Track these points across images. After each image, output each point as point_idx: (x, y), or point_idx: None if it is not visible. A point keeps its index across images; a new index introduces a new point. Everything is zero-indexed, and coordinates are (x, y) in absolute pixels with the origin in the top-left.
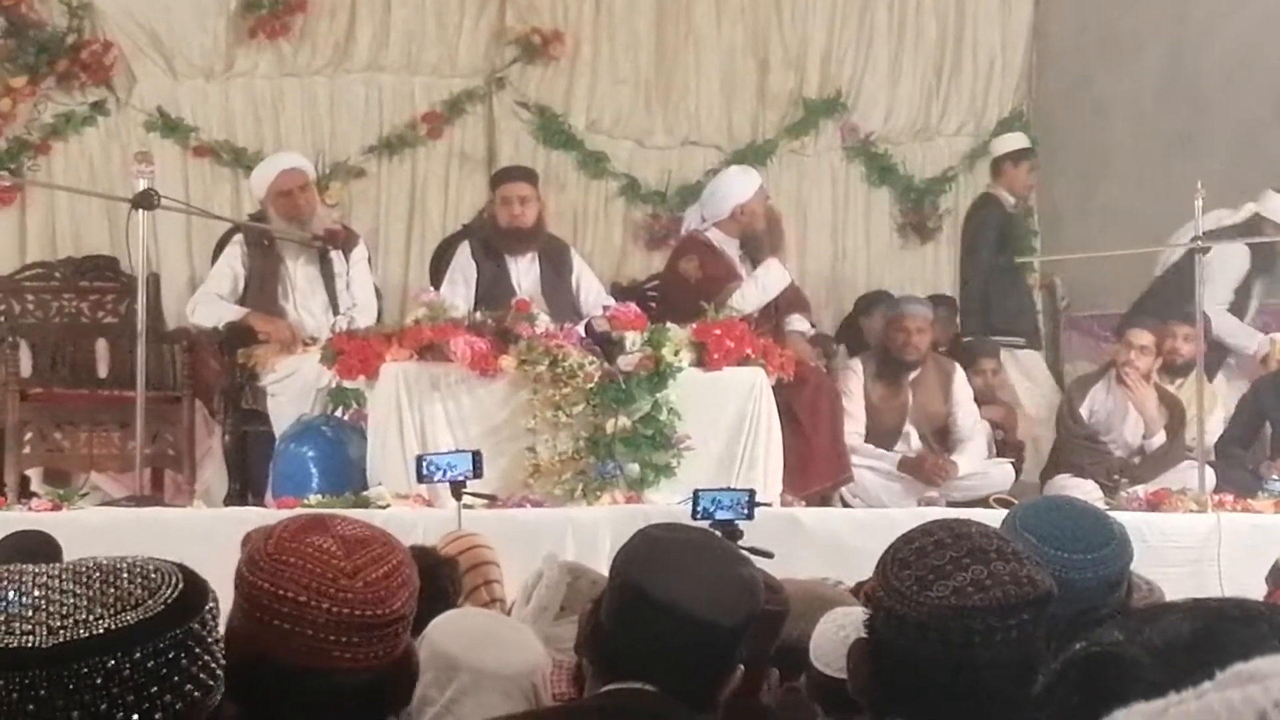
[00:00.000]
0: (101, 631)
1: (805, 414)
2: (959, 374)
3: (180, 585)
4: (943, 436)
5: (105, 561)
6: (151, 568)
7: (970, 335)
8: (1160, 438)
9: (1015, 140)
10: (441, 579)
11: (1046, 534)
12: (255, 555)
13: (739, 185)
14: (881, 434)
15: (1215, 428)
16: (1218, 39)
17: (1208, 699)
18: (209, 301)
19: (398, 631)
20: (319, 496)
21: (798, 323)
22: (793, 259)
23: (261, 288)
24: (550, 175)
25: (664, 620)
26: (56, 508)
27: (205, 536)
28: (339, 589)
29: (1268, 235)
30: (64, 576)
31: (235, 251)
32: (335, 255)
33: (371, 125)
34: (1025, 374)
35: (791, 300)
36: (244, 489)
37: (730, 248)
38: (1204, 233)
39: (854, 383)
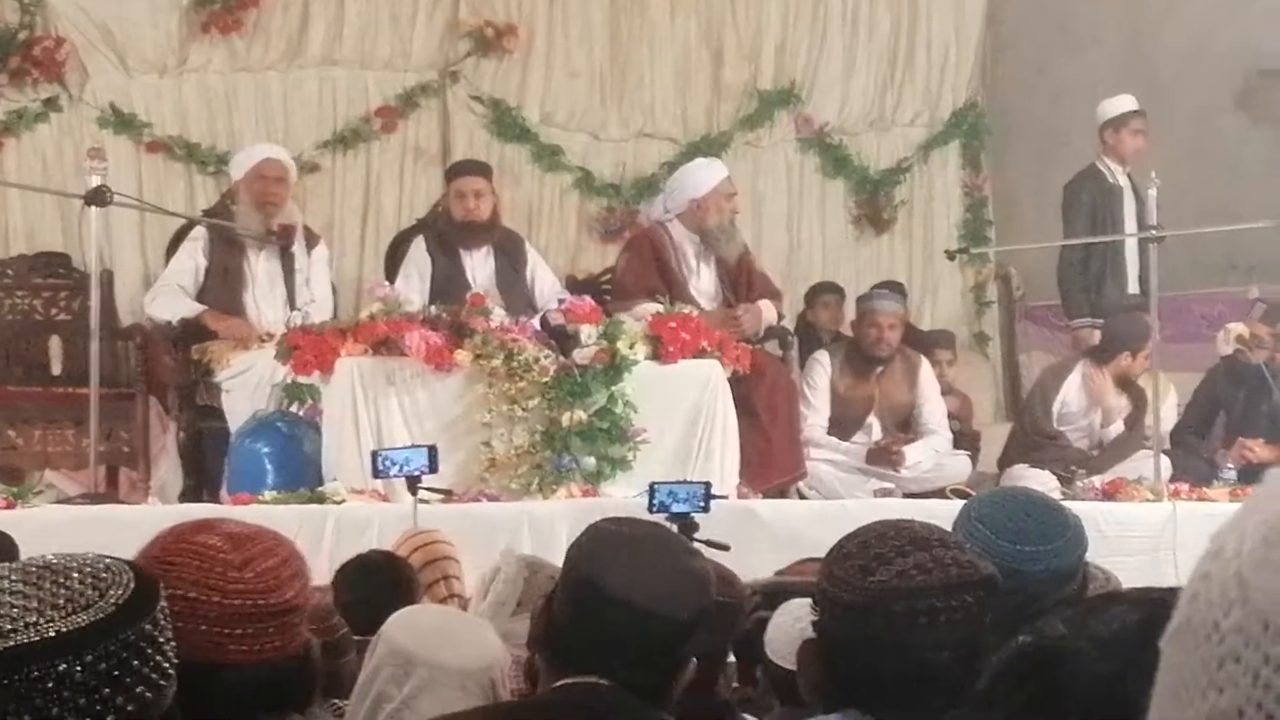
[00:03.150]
0: (53, 635)
1: (763, 406)
2: (925, 366)
3: (131, 585)
4: (906, 428)
5: (55, 561)
6: (102, 567)
7: (1073, 318)
8: (1118, 426)
9: (1114, 105)
10: (406, 583)
11: (1000, 527)
12: (142, 561)
13: (695, 179)
14: (845, 424)
15: (1169, 415)
16: (1172, 25)
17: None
18: (169, 294)
19: (292, 623)
20: (274, 492)
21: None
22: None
23: (224, 280)
24: (505, 169)
25: (615, 614)
26: (11, 506)
27: None
28: (228, 581)
29: None
30: (14, 578)
31: (197, 245)
32: (298, 251)
33: (325, 120)
34: None
35: (762, 290)
36: (199, 485)
37: (689, 243)
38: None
39: (820, 375)
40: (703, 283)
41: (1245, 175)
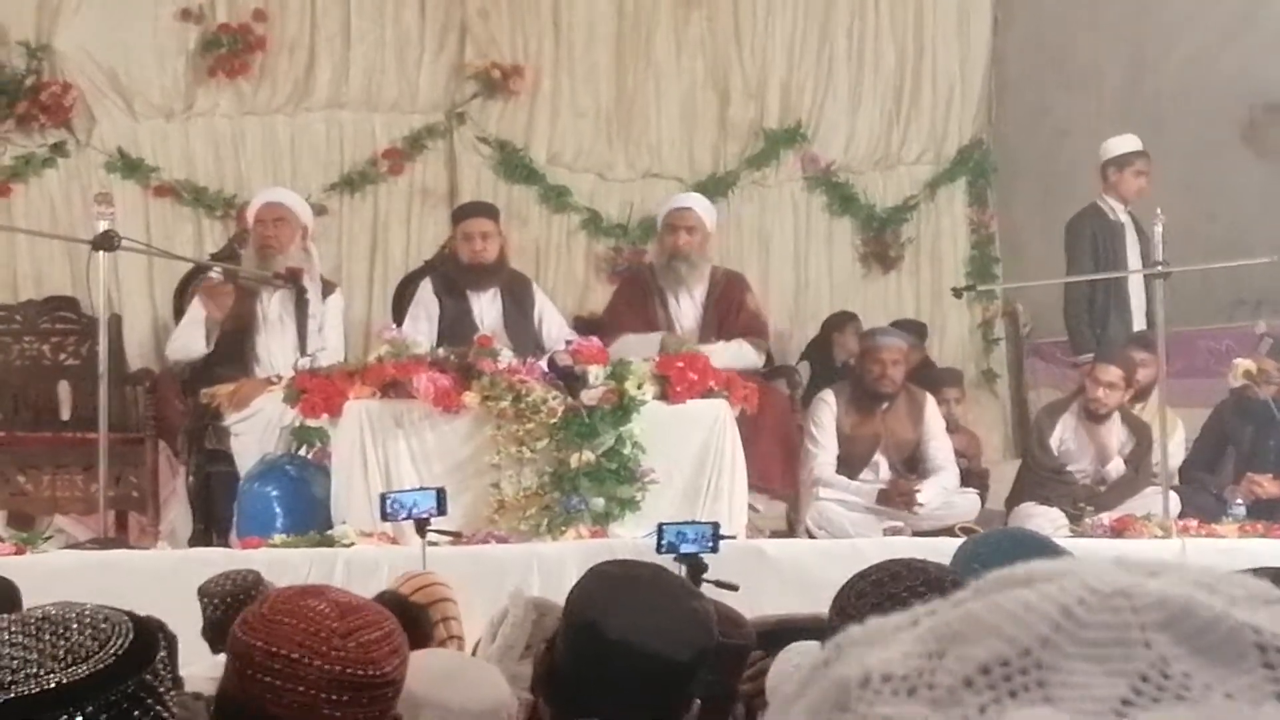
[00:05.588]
0: (53, 686)
1: (756, 447)
2: (930, 403)
3: (131, 635)
4: (912, 465)
5: (55, 612)
6: (101, 618)
7: (1079, 354)
8: (1117, 466)
9: (1117, 145)
10: (419, 625)
11: (998, 566)
12: (249, 617)
13: (666, 206)
14: (852, 463)
15: (1177, 451)
16: (1173, 60)
17: (988, 601)
18: (187, 335)
19: (386, 696)
20: (284, 536)
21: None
22: (755, 289)
23: (234, 324)
24: (512, 210)
25: (616, 656)
26: (20, 551)
27: (169, 578)
28: (331, 648)
29: None
30: (13, 629)
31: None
32: (313, 297)
33: (332, 162)
34: None
35: (745, 328)
36: (209, 529)
37: (667, 273)
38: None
39: (826, 415)
40: (683, 315)
41: (1251, 210)
